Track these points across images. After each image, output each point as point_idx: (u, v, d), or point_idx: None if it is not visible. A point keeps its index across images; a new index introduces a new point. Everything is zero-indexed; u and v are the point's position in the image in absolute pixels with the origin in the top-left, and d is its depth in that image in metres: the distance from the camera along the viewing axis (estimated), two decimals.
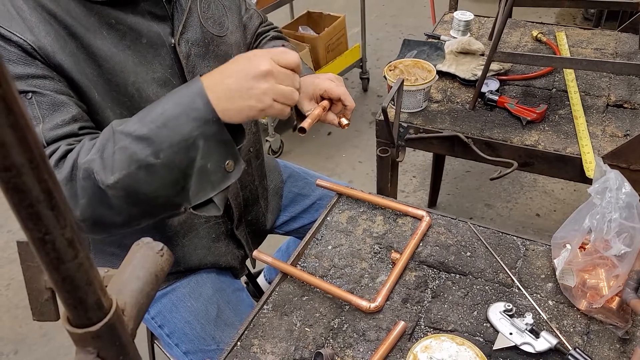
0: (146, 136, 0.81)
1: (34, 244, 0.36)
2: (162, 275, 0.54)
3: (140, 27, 0.98)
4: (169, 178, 0.83)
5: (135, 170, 0.82)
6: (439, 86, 1.68)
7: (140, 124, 0.82)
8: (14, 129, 0.31)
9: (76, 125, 0.90)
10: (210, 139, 0.83)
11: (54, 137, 0.87)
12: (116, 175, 0.82)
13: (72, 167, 0.85)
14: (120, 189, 0.83)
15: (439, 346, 0.89)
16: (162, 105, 0.83)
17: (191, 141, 0.81)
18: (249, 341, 0.98)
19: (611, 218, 0.91)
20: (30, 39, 0.87)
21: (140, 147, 0.81)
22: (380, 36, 4.20)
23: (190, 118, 0.81)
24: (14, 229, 2.74)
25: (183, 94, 0.83)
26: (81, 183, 0.84)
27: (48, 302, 0.54)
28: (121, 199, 0.84)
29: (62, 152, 0.86)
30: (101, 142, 0.84)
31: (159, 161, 0.81)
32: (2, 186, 0.33)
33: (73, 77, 0.91)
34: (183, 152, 0.82)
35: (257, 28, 1.33)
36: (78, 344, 0.43)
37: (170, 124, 0.81)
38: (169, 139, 0.81)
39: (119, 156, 0.81)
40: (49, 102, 0.88)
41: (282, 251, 1.72)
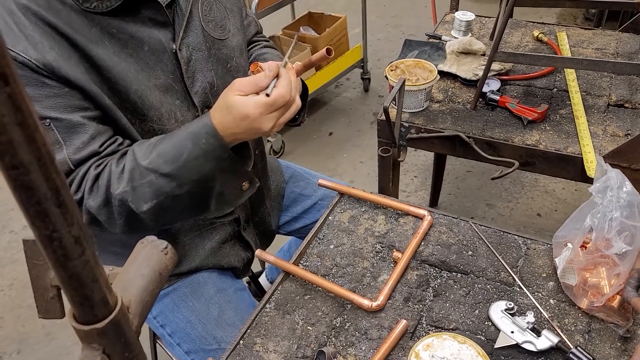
0: (170, 174, 0.93)
1: (41, 241, 0.36)
2: (166, 273, 0.55)
3: (142, 35, 0.99)
4: (192, 202, 0.99)
5: (163, 199, 0.95)
6: (440, 86, 1.68)
7: (162, 162, 0.93)
8: (22, 127, 0.31)
9: (97, 144, 0.96)
10: (226, 171, 0.96)
11: (79, 160, 0.95)
12: (148, 204, 0.95)
13: (105, 194, 0.96)
14: (151, 214, 0.96)
15: (441, 344, 0.90)
16: (181, 144, 0.93)
17: (210, 176, 0.95)
18: (252, 340, 0.98)
19: (612, 217, 0.91)
20: (34, 57, 0.88)
21: (165, 182, 0.94)
22: (381, 36, 4.20)
23: (209, 159, 0.93)
24: (16, 229, 2.75)
25: (199, 134, 0.93)
26: (117, 209, 0.96)
27: (53, 300, 0.54)
28: (153, 219, 0.98)
29: (93, 177, 0.95)
30: (129, 172, 0.95)
31: (182, 191, 0.95)
32: (10, 184, 0.33)
33: (82, 86, 0.93)
34: (203, 184, 0.96)
35: (252, 36, 1.34)
36: (84, 340, 0.44)
37: (190, 164, 0.93)
38: (190, 176, 0.94)
39: (148, 189, 0.94)
40: (66, 125, 0.93)
41: (284, 251, 1.73)
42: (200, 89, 1.09)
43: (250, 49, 1.33)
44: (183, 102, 1.07)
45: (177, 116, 1.07)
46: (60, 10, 0.91)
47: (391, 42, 4.09)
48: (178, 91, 1.06)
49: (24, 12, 0.88)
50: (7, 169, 0.32)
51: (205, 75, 1.09)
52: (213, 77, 1.11)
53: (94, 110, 0.96)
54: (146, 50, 1.00)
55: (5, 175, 0.32)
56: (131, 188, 0.94)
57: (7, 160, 0.31)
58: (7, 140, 0.31)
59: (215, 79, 1.11)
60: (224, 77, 1.14)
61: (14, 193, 0.34)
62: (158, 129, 1.05)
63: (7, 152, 0.31)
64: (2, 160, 0.31)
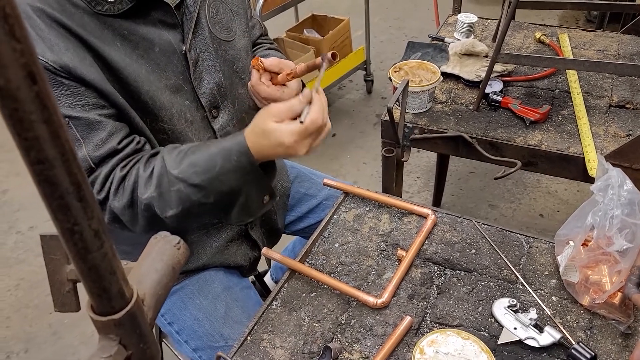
0: (199, 185, 0.97)
1: (63, 234, 0.38)
2: (178, 267, 0.56)
3: (152, 36, 1.01)
4: (215, 211, 1.04)
5: (189, 206, 0.99)
6: (443, 87, 1.70)
7: (193, 172, 0.97)
8: (48, 124, 0.33)
9: (115, 141, 0.98)
10: (252, 185, 1.01)
11: (98, 157, 0.97)
12: (174, 210, 0.99)
13: (131, 196, 0.99)
14: (175, 218, 1.00)
15: (445, 340, 0.91)
16: (213, 158, 0.97)
17: (237, 189, 0.99)
18: (259, 336, 1.00)
19: (613, 215, 0.92)
20: (51, 59, 0.90)
21: (193, 192, 0.98)
22: (384, 39, 4.22)
23: (238, 174, 0.97)
24: (23, 230, 2.77)
25: (231, 151, 0.97)
26: (142, 213, 1.00)
27: (69, 294, 0.56)
28: (175, 223, 1.02)
29: (119, 179, 0.98)
30: (157, 178, 0.98)
31: (209, 201, 0.99)
32: (35, 178, 0.35)
33: (97, 86, 0.95)
34: (229, 196, 1.00)
35: (257, 38, 1.36)
36: (101, 331, 0.45)
37: (221, 177, 0.97)
38: (219, 188, 0.98)
39: (175, 196, 0.98)
40: (84, 123, 0.95)
41: (288, 251, 1.74)
42: (208, 89, 1.11)
43: (254, 50, 1.35)
44: (192, 103, 1.10)
45: (187, 116, 1.09)
46: (73, 13, 0.93)
47: (394, 44, 4.11)
48: (187, 92, 1.08)
49: (39, 15, 0.90)
50: (33, 164, 0.33)
51: (213, 76, 1.11)
52: (220, 77, 1.13)
53: (109, 109, 0.98)
54: (157, 51, 1.02)
55: (31, 170, 0.34)
56: (158, 194, 0.98)
57: (33, 156, 0.33)
58: (34, 137, 0.32)
59: (222, 79, 1.13)
60: (231, 78, 1.16)
61: (38, 187, 0.35)
62: (168, 128, 1.07)
63: (33, 148, 0.33)
64: (29, 156, 0.33)
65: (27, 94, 0.31)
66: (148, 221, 1.02)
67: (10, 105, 0.30)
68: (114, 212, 1.00)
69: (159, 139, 1.07)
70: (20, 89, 0.30)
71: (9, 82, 0.30)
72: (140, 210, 1.00)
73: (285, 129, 0.94)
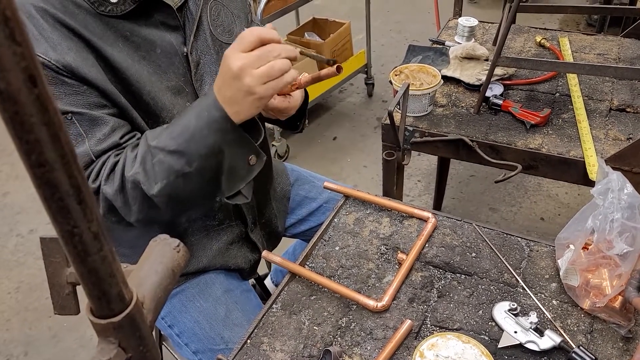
0: (177, 150, 0.93)
1: (62, 236, 0.38)
2: (178, 270, 0.56)
3: (154, 38, 1.02)
4: (203, 180, 0.97)
5: (174, 179, 0.94)
6: (443, 91, 1.70)
7: (170, 138, 0.93)
8: (48, 126, 0.33)
9: (117, 135, 0.99)
10: (232, 143, 0.94)
11: (100, 151, 0.97)
12: (159, 184, 0.95)
13: (120, 179, 0.97)
14: (163, 196, 0.96)
15: (445, 344, 0.91)
16: (187, 120, 0.93)
17: (217, 149, 0.93)
18: (259, 339, 1.00)
19: (613, 218, 0.92)
20: (54, 58, 0.91)
21: (174, 160, 0.93)
22: (384, 42, 4.23)
23: (212, 130, 0.91)
24: (23, 233, 2.77)
25: (202, 108, 0.93)
26: (131, 193, 0.97)
27: (69, 297, 0.56)
28: (165, 203, 0.98)
29: (111, 165, 0.97)
30: (141, 154, 0.95)
31: (192, 169, 0.94)
32: (35, 181, 0.35)
33: (99, 86, 0.96)
34: (211, 159, 0.94)
35: None
36: (100, 334, 0.45)
37: (196, 137, 0.92)
38: (198, 151, 0.92)
39: (158, 168, 0.94)
40: (87, 119, 0.96)
41: (289, 254, 1.74)
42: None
43: None
44: None
45: None
46: (76, 14, 0.94)
47: (395, 48, 4.11)
48: (189, 93, 1.09)
49: (43, 15, 0.91)
50: (33, 167, 0.33)
51: (214, 78, 1.12)
52: None
53: (111, 108, 0.99)
54: (159, 52, 1.03)
55: (31, 172, 0.34)
56: (142, 169, 0.95)
57: (34, 159, 0.33)
58: (34, 139, 0.32)
59: None
60: None
61: (38, 190, 0.35)
62: None
63: (34, 151, 0.33)
64: (29, 159, 0.33)
65: (27, 97, 0.31)
66: (139, 205, 0.98)
67: (10, 109, 0.31)
68: (107, 199, 0.99)
69: None
70: (21, 92, 0.30)
71: (10, 85, 0.30)
72: (129, 190, 0.97)
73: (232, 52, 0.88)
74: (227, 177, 0.98)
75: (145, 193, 0.96)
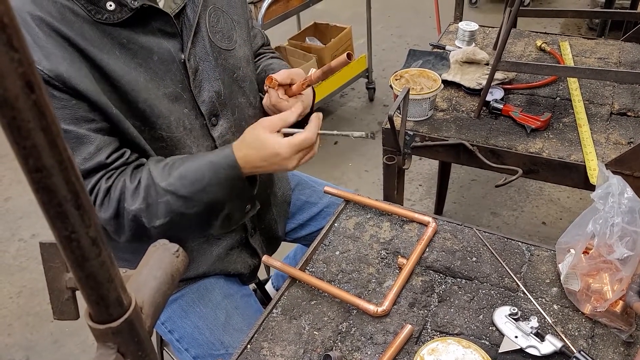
0: (186, 197, 1.01)
1: (60, 242, 0.38)
2: (177, 275, 0.56)
3: (151, 45, 1.02)
4: (199, 221, 1.07)
5: (174, 217, 1.02)
6: (444, 95, 1.70)
7: (181, 185, 1.01)
8: (46, 132, 0.33)
9: (103, 155, 0.99)
10: (237, 196, 1.06)
11: (85, 170, 0.99)
12: (160, 220, 1.02)
13: (117, 207, 1.01)
14: (161, 228, 1.03)
15: (446, 349, 0.91)
16: (201, 171, 1.01)
17: (222, 200, 1.04)
18: (259, 344, 1.00)
19: (614, 222, 0.92)
20: (47, 67, 0.90)
21: (180, 203, 1.01)
22: (385, 46, 4.23)
23: (225, 187, 1.02)
24: (25, 237, 2.77)
25: (220, 165, 1.02)
26: (129, 223, 1.02)
27: (68, 302, 0.56)
28: (161, 234, 1.03)
29: (104, 190, 1.00)
30: (144, 189, 1.00)
31: (193, 211, 1.03)
32: (33, 186, 0.35)
33: (90, 98, 0.95)
34: (213, 207, 1.04)
35: (259, 48, 1.38)
36: (99, 339, 0.45)
37: (208, 189, 1.01)
38: (205, 200, 1.02)
39: (163, 207, 1.01)
40: (73, 136, 0.96)
41: (290, 258, 1.74)
42: (208, 97, 1.11)
43: (257, 60, 1.35)
44: (191, 111, 1.10)
45: (185, 124, 1.09)
46: (73, 22, 0.94)
47: (396, 52, 4.12)
48: (186, 100, 1.09)
49: (38, 24, 0.91)
50: (31, 172, 0.34)
51: (212, 84, 1.12)
52: (220, 86, 1.13)
53: (99, 122, 0.98)
54: (155, 60, 1.02)
55: (29, 178, 0.34)
56: (146, 206, 1.00)
57: (32, 164, 0.33)
58: (32, 145, 0.32)
59: (222, 88, 1.14)
60: (231, 87, 1.16)
61: (37, 195, 0.35)
62: (167, 136, 1.07)
63: (31, 156, 0.33)
64: (27, 164, 0.33)
65: (25, 103, 0.31)
66: (134, 232, 1.04)
67: (8, 114, 0.31)
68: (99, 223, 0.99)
69: (156, 147, 1.07)
70: (19, 98, 0.31)
71: (7, 91, 0.30)
72: (127, 220, 1.02)
73: (283, 140, 1.00)
74: (221, 222, 1.09)
75: (143, 224, 1.02)
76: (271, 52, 1.41)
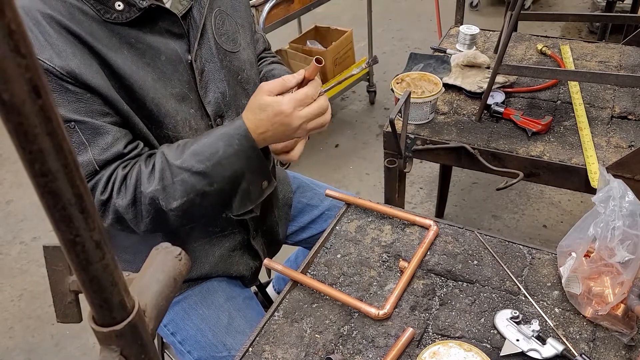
0: (203, 172, 1.00)
1: (65, 245, 0.38)
2: (180, 278, 0.57)
3: (159, 45, 1.03)
4: (218, 200, 1.05)
5: (193, 197, 1.01)
6: (445, 98, 1.70)
7: (197, 161, 1.00)
8: (52, 137, 0.33)
9: (120, 145, 1.00)
10: (254, 169, 1.04)
11: (104, 160, 0.99)
12: (178, 201, 1.01)
13: (134, 193, 1.00)
14: (179, 211, 1.02)
15: (447, 352, 0.91)
16: (215, 144, 1.00)
17: (240, 173, 1.03)
18: (260, 347, 1.00)
19: (615, 226, 0.92)
20: (58, 64, 0.92)
21: (197, 180, 1.00)
22: (386, 50, 4.24)
23: (240, 158, 1.01)
24: (26, 240, 2.77)
25: (231, 136, 1.01)
26: (147, 207, 1.01)
27: (71, 305, 0.56)
28: (179, 218, 1.04)
29: (121, 178, 1.00)
30: (159, 171, 1.00)
31: (212, 188, 1.02)
32: (39, 190, 0.35)
33: (102, 93, 0.97)
34: (232, 181, 1.03)
35: (261, 52, 1.39)
36: (102, 342, 0.46)
37: (224, 162, 1.00)
38: (223, 174, 1.01)
39: (180, 187, 1.00)
40: (90, 127, 0.97)
41: (291, 261, 1.74)
42: (213, 98, 1.13)
43: (259, 64, 1.36)
44: (197, 111, 1.11)
45: (192, 124, 1.10)
46: (82, 21, 0.95)
47: (397, 56, 4.12)
48: (193, 100, 1.10)
49: (49, 22, 0.92)
50: (36, 176, 0.34)
51: (218, 85, 1.13)
52: (225, 87, 1.14)
53: (114, 116, 1.00)
54: (163, 60, 1.04)
55: (34, 182, 0.34)
56: (162, 187, 1.00)
57: (37, 168, 0.33)
58: (38, 149, 0.33)
59: (227, 89, 1.15)
60: (235, 88, 1.17)
61: (42, 199, 0.35)
62: (173, 136, 1.08)
63: (37, 161, 0.33)
64: (33, 168, 0.33)
65: (31, 108, 0.31)
66: (152, 218, 1.03)
67: (15, 119, 0.31)
68: (118, 211, 1.01)
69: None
70: (25, 103, 0.31)
71: (14, 96, 0.30)
72: (144, 205, 1.01)
73: (283, 97, 0.99)
74: (240, 198, 1.06)
75: (160, 208, 1.01)
76: (272, 56, 1.41)
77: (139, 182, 1.00)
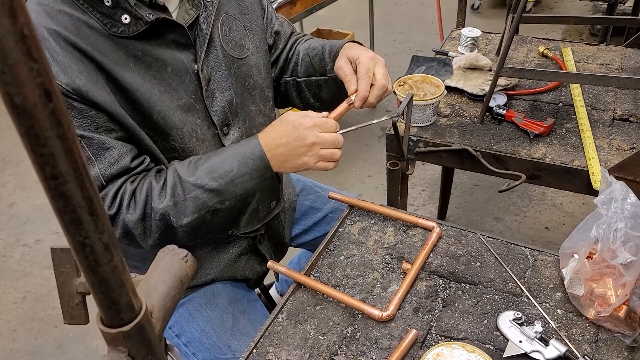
0: (216, 189, 1.02)
1: (74, 247, 0.39)
2: (186, 280, 0.57)
3: (165, 57, 1.03)
4: (227, 217, 1.07)
5: (204, 214, 1.03)
6: (447, 101, 1.71)
7: (209, 178, 1.02)
8: (62, 140, 0.34)
9: (127, 159, 1.01)
10: (265, 189, 1.07)
11: (110, 175, 0.99)
12: (189, 217, 1.02)
13: (144, 209, 1.01)
14: (189, 227, 1.04)
15: (450, 354, 0.91)
16: (229, 163, 1.03)
17: (251, 192, 1.05)
18: (265, 349, 1.00)
19: (617, 227, 0.93)
20: (64, 82, 0.92)
21: (210, 197, 1.02)
22: (388, 52, 4.25)
23: (253, 178, 1.03)
24: (29, 243, 2.78)
25: (246, 156, 1.03)
26: (157, 223, 1.03)
27: (79, 306, 0.57)
28: (187, 234, 1.05)
29: (130, 193, 1.00)
30: (171, 187, 1.01)
31: (223, 206, 1.04)
32: (49, 193, 0.35)
33: (108, 109, 0.97)
34: (244, 200, 1.05)
35: (289, 35, 1.36)
36: (110, 343, 0.46)
37: (237, 181, 1.02)
38: (235, 192, 1.03)
39: (191, 203, 1.01)
40: (96, 142, 0.97)
41: (294, 264, 1.75)
42: (220, 107, 1.12)
43: (296, 45, 1.35)
44: (203, 121, 1.11)
45: (198, 134, 1.10)
46: (89, 35, 0.95)
47: (399, 58, 4.13)
48: (199, 110, 1.10)
49: (55, 38, 0.92)
50: (47, 179, 0.34)
51: (224, 94, 1.13)
52: (232, 95, 1.14)
53: (119, 132, 1.00)
54: (169, 71, 1.04)
55: (45, 185, 0.35)
56: (174, 203, 1.01)
57: (48, 171, 0.34)
58: (49, 153, 0.33)
59: (234, 97, 1.14)
60: (242, 95, 1.17)
61: (52, 201, 0.36)
62: (179, 147, 1.08)
63: (48, 164, 0.34)
64: (43, 171, 0.34)
65: (42, 112, 0.32)
66: (161, 233, 1.03)
67: (26, 123, 0.32)
68: (127, 226, 1.01)
69: (169, 157, 1.09)
70: (37, 107, 0.31)
71: (26, 100, 0.31)
72: (154, 221, 1.02)
73: (306, 113, 1.04)
74: (248, 217, 1.10)
75: (170, 224, 1.02)
76: (304, 34, 1.40)
77: (149, 198, 1.01)
